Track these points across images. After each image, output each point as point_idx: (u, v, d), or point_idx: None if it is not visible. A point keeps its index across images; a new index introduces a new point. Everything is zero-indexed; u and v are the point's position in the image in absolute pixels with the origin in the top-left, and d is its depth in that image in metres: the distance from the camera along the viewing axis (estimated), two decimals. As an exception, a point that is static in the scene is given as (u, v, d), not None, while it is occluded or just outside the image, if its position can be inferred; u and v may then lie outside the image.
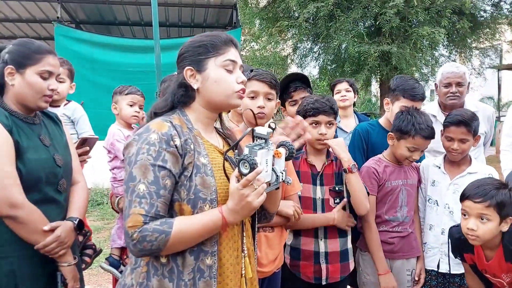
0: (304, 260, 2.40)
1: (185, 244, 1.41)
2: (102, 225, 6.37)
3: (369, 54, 7.46)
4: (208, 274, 1.46)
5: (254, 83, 2.18)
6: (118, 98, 2.91)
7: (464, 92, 3.14)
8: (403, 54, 7.52)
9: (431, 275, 2.62)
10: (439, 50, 9.20)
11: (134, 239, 1.34)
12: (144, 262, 1.45)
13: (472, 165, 2.59)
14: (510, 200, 2.07)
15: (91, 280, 4.69)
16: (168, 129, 1.45)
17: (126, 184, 1.40)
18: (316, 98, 2.39)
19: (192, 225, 1.40)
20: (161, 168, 1.39)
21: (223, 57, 1.54)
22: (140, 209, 1.35)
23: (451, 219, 2.53)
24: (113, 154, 2.81)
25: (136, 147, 1.41)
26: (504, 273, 2.22)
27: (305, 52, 9.45)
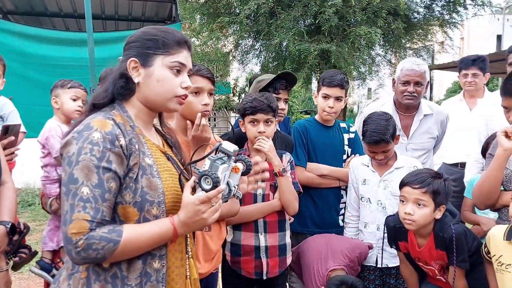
0: (245, 256, 2.43)
1: (131, 254, 1.35)
2: (34, 226, 6.07)
3: (309, 52, 7.54)
4: (155, 277, 1.40)
5: (198, 79, 2.11)
6: (60, 92, 2.77)
7: (422, 92, 3.04)
8: (342, 52, 7.67)
9: (370, 270, 2.70)
10: (375, 50, 9.47)
11: (78, 247, 1.25)
12: (84, 267, 1.36)
13: (398, 160, 2.71)
14: (444, 189, 2.23)
15: (22, 284, 4.45)
16: (112, 127, 1.36)
17: (65, 186, 1.29)
18: (255, 97, 2.40)
19: (141, 235, 1.34)
20: (106, 170, 1.31)
21: (173, 58, 1.47)
22: (84, 214, 1.26)
23: (385, 215, 2.62)
24: (47, 150, 2.66)
25: (76, 146, 1.31)
26: (434, 260, 2.35)
27: (246, 49, 9.43)
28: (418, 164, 2.72)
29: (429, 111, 3.18)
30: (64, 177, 1.33)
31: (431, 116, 3.19)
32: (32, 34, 5.52)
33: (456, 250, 2.21)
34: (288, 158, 2.55)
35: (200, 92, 2.13)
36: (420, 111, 3.17)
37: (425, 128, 3.15)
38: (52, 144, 2.64)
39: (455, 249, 2.21)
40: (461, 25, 9.71)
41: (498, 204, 2.31)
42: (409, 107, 3.11)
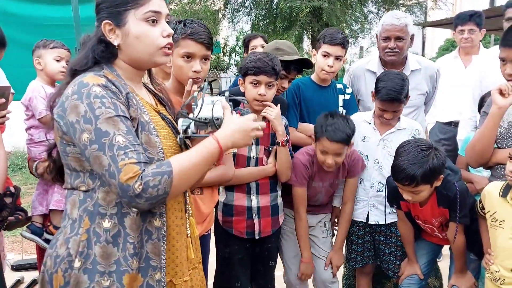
0: (237, 216, 2.43)
1: (188, 181, 1.34)
2: (25, 190, 6.08)
3: (301, 9, 7.39)
4: (156, 236, 1.40)
5: (190, 44, 1.99)
6: (42, 52, 2.68)
7: (404, 47, 2.93)
8: (334, 10, 7.52)
9: (359, 226, 2.74)
10: (368, 7, 9.30)
11: (136, 190, 1.23)
12: (84, 229, 1.34)
13: (401, 121, 2.67)
14: (436, 164, 2.21)
15: (16, 247, 4.48)
16: (105, 82, 1.31)
17: (96, 142, 1.25)
18: (259, 57, 2.30)
19: (189, 158, 1.32)
20: (125, 118, 1.31)
21: (144, 8, 1.38)
22: (130, 159, 1.24)
23: (380, 174, 2.63)
24: (30, 111, 2.59)
25: (84, 104, 1.27)
26: (435, 217, 2.38)
27: (236, 7, 9.22)
28: (419, 128, 2.69)
29: (417, 66, 3.07)
30: (88, 136, 1.27)
31: (419, 72, 3.08)
32: (14, -8, 5.32)
33: (459, 206, 2.24)
34: (284, 122, 2.50)
35: (192, 57, 2.02)
36: (407, 66, 3.06)
37: (413, 84, 3.03)
38: (35, 105, 2.58)
39: (458, 206, 2.23)
40: (455, -20, 9.52)
41: (491, 162, 2.31)
42: (394, 63, 3.01)
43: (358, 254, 2.77)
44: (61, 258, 1.37)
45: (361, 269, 2.85)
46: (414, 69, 3.07)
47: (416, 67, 3.08)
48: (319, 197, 2.69)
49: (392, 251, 2.70)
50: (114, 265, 1.35)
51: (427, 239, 2.62)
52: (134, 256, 1.37)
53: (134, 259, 1.37)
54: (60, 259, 1.37)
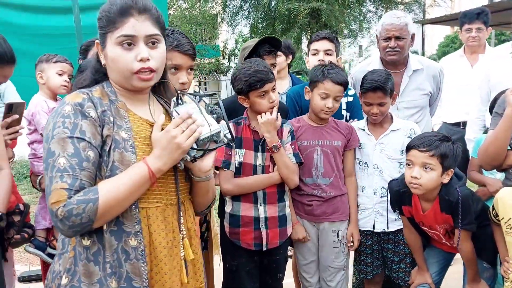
0: (244, 227, 2.39)
1: (118, 207, 1.31)
2: (31, 198, 6.09)
3: (299, 11, 7.41)
4: (134, 256, 1.36)
5: (177, 56, 1.99)
6: (45, 67, 2.69)
7: (405, 46, 2.91)
8: (332, 10, 7.54)
9: (367, 235, 2.68)
10: (366, 6, 9.31)
11: (59, 216, 1.23)
12: (71, 246, 1.35)
13: (394, 123, 2.66)
14: (452, 152, 2.17)
15: (22, 257, 4.49)
16: (82, 100, 1.34)
17: (45, 162, 1.28)
18: (255, 69, 2.28)
19: (118, 185, 1.30)
20: (80, 139, 1.30)
21: (118, 32, 1.36)
22: (62, 184, 1.24)
23: (382, 178, 2.60)
24: (33, 126, 2.61)
25: (52, 122, 1.31)
26: (439, 224, 2.33)
27: (235, 10, 9.24)
28: (415, 127, 2.66)
29: (418, 66, 3.05)
30: (43, 154, 1.32)
31: (422, 71, 3.06)
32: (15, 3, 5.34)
33: (462, 212, 2.18)
34: (289, 129, 2.47)
35: (178, 69, 2.02)
36: (408, 67, 3.04)
37: (416, 84, 3.02)
38: (38, 120, 2.58)
39: (460, 212, 2.18)
40: (452, -23, 9.53)
41: (505, 164, 2.27)
42: (396, 63, 3.00)
43: (368, 265, 2.71)
44: (56, 273, 1.39)
45: (370, 279, 2.79)
46: (416, 69, 3.05)
47: (418, 67, 3.06)
48: (318, 168, 2.56)
49: (401, 258, 2.65)
50: (97, 284, 1.34)
51: (438, 246, 2.55)
52: (112, 275, 1.34)
53: (113, 279, 1.34)
54: (55, 275, 1.39)
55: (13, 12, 5.26)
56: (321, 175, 2.55)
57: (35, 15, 5.20)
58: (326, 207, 2.57)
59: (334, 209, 2.58)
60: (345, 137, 2.60)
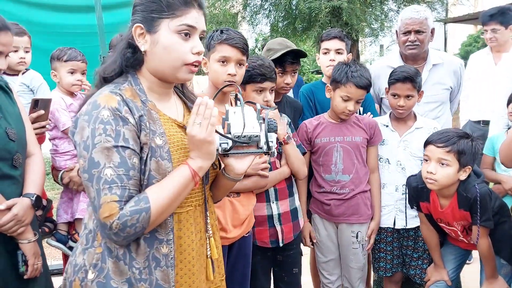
0: (259, 226, 2.40)
1: (167, 213, 1.32)
2: (53, 195, 6.17)
3: (320, 10, 7.35)
4: (164, 263, 1.36)
5: (226, 48, 2.07)
6: (57, 65, 2.71)
7: (425, 40, 2.91)
8: (354, 9, 7.46)
9: (387, 232, 2.68)
10: (388, 5, 9.19)
11: (114, 229, 1.22)
12: (98, 242, 1.34)
13: (418, 120, 2.65)
14: (470, 149, 2.16)
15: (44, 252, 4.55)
16: (118, 104, 1.28)
17: (87, 172, 1.24)
18: (260, 63, 2.29)
19: (165, 190, 1.29)
20: (124, 148, 1.26)
21: (179, 21, 1.33)
22: (112, 196, 1.22)
23: (404, 176, 2.58)
24: (53, 123, 2.63)
25: (89, 128, 1.25)
26: (457, 221, 2.32)
27: (255, 9, 9.22)
28: (438, 126, 2.66)
29: (439, 61, 3.02)
30: (83, 164, 1.27)
31: (442, 66, 3.03)
32: (38, 2, 5.42)
33: (480, 209, 2.17)
34: (286, 121, 2.49)
35: (227, 61, 2.10)
36: (428, 61, 3.02)
37: (436, 78, 3.00)
38: (57, 117, 2.61)
39: (479, 209, 2.17)
40: (477, -25, 9.35)
41: None
42: (416, 58, 2.98)
43: (388, 262, 2.71)
44: (79, 267, 1.38)
45: (390, 277, 2.78)
46: (436, 63, 3.03)
47: (438, 61, 3.03)
48: (338, 165, 2.55)
49: (420, 255, 2.66)
50: (126, 284, 1.34)
51: (454, 243, 2.55)
52: (142, 282, 1.35)
53: (142, 285, 1.35)
54: (78, 268, 1.38)
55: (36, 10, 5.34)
56: (340, 172, 2.55)
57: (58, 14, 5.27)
58: (346, 208, 2.56)
59: (353, 210, 2.57)
60: (367, 133, 2.58)
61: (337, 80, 2.49)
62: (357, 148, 2.57)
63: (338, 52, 2.85)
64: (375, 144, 2.63)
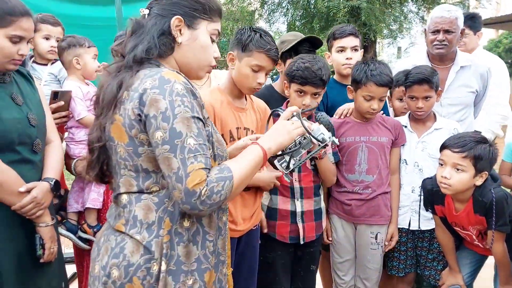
0: (281, 220, 2.41)
1: (243, 186, 1.39)
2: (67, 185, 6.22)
3: (338, 9, 7.31)
4: (224, 231, 1.46)
5: (264, 58, 2.09)
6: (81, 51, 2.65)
7: (453, 40, 2.83)
8: (373, 9, 7.40)
9: (402, 232, 2.65)
10: (408, 6, 9.11)
11: (203, 196, 1.25)
12: (165, 230, 1.34)
13: (437, 121, 2.61)
14: (488, 155, 2.12)
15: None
16: (185, 79, 1.35)
17: (169, 143, 1.25)
18: (307, 65, 2.25)
19: (243, 164, 1.37)
20: (198, 119, 1.32)
21: (215, 25, 1.47)
22: (199, 164, 1.26)
23: (421, 177, 2.55)
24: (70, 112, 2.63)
25: (166, 100, 1.27)
26: (472, 225, 2.29)
27: (273, 7, 9.21)
28: (458, 127, 2.61)
29: (467, 63, 2.94)
30: (163, 135, 1.26)
31: (469, 68, 2.95)
32: (58, -6, 5.48)
33: (496, 213, 2.13)
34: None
35: (260, 70, 2.12)
36: (456, 62, 2.94)
37: (463, 81, 2.91)
38: (73, 106, 2.55)
39: (494, 213, 2.13)
40: (500, -22, 9.22)
41: None
42: (443, 58, 2.91)
43: (401, 262, 2.68)
44: (137, 266, 1.33)
45: (402, 278, 2.74)
46: (464, 65, 2.94)
47: (466, 63, 2.94)
48: (362, 165, 2.53)
49: (435, 256, 2.62)
50: (195, 264, 1.38)
51: (470, 247, 2.51)
52: (213, 253, 1.42)
53: (213, 256, 1.42)
54: (135, 267, 1.33)
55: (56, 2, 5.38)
56: (364, 172, 2.53)
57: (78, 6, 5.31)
58: (366, 209, 2.54)
59: (374, 211, 2.55)
60: (392, 134, 2.56)
61: (357, 81, 2.46)
62: (382, 149, 2.55)
63: (354, 49, 2.80)
64: (399, 146, 2.61)
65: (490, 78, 3.06)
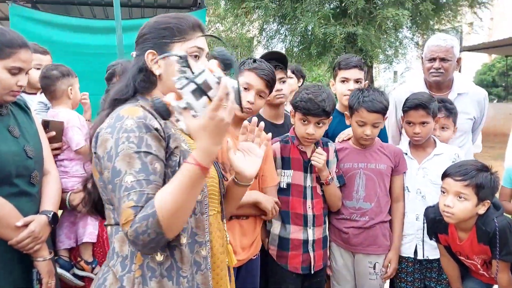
0: (293, 250, 2.35)
1: (180, 212, 1.22)
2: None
3: (335, 35, 7.45)
4: (204, 266, 1.39)
5: (252, 76, 2.12)
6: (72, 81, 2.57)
7: (450, 68, 2.86)
8: (368, 35, 7.55)
9: (408, 262, 2.58)
10: (402, 32, 9.29)
11: (130, 238, 1.18)
12: (137, 265, 1.30)
13: (437, 147, 2.59)
14: (489, 183, 2.10)
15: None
16: (142, 113, 1.29)
17: (111, 183, 1.23)
18: (310, 97, 2.25)
19: (171, 190, 1.20)
20: (146, 153, 1.24)
21: (191, 43, 1.40)
22: (129, 202, 1.18)
23: (425, 204, 2.49)
24: (65, 144, 2.44)
25: (113, 139, 1.24)
26: (476, 254, 2.25)
27: (271, 34, 9.37)
28: (459, 152, 2.60)
29: (464, 90, 2.95)
30: (108, 176, 1.25)
31: (466, 95, 2.95)
32: (60, 22, 5.56)
33: (499, 243, 2.11)
34: (334, 148, 2.46)
35: (248, 89, 2.13)
36: (453, 90, 2.95)
37: (461, 107, 2.88)
38: (71, 136, 2.43)
39: (498, 243, 2.11)
40: (491, 5, 9.42)
41: None
42: (440, 85, 2.92)
43: None
44: None
45: None
46: (461, 92, 2.96)
47: (463, 90, 2.96)
48: (359, 191, 2.51)
49: (444, 287, 2.55)
50: None
51: (476, 277, 2.45)
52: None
53: None
54: None
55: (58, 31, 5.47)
56: (361, 199, 2.50)
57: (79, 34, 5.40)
58: (364, 238, 2.50)
59: (371, 241, 2.50)
60: (391, 161, 2.54)
61: (351, 107, 2.49)
62: (380, 176, 2.52)
63: (357, 81, 2.80)
64: (400, 173, 2.57)
65: (487, 105, 3.10)
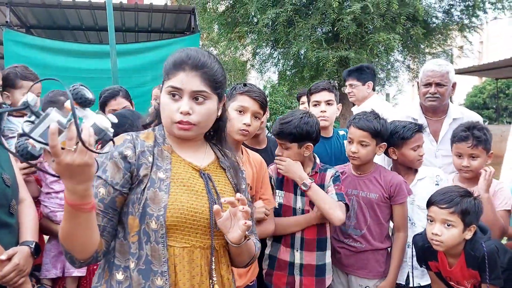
0: (278, 270, 2.35)
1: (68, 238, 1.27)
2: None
3: (328, 59, 7.53)
4: None
5: (245, 99, 2.17)
6: None
7: (445, 93, 2.93)
8: (361, 59, 7.62)
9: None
10: (394, 56, 9.41)
11: None
12: (104, 280, 1.39)
13: (419, 172, 2.62)
14: (474, 208, 2.11)
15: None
16: (123, 141, 1.41)
17: None
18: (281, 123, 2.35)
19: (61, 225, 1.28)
20: (98, 178, 1.37)
21: (167, 83, 1.45)
22: None
23: (414, 231, 2.52)
24: None
25: None
26: (466, 279, 2.24)
27: (264, 58, 9.46)
28: (440, 173, 2.63)
29: (459, 115, 3.02)
30: None
31: (461, 120, 2.97)
32: (54, 47, 5.61)
33: (488, 268, 2.11)
34: (332, 173, 2.41)
35: (244, 112, 2.17)
36: (449, 115, 3.02)
37: None
38: None
39: (487, 267, 2.11)
40: (480, 29, 9.59)
41: None
42: (436, 110, 3.00)
43: None
44: None
45: None
46: (456, 117, 3.02)
47: (459, 115, 3.02)
48: (351, 218, 2.50)
49: None
50: None
51: None
52: None
53: None
54: None
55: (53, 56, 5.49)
56: (352, 226, 2.51)
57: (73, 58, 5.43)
58: (355, 260, 2.49)
59: (362, 264, 2.49)
60: (385, 191, 2.51)
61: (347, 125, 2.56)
62: (370, 205, 2.51)
63: (328, 103, 2.90)
64: (397, 203, 2.52)
65: None
